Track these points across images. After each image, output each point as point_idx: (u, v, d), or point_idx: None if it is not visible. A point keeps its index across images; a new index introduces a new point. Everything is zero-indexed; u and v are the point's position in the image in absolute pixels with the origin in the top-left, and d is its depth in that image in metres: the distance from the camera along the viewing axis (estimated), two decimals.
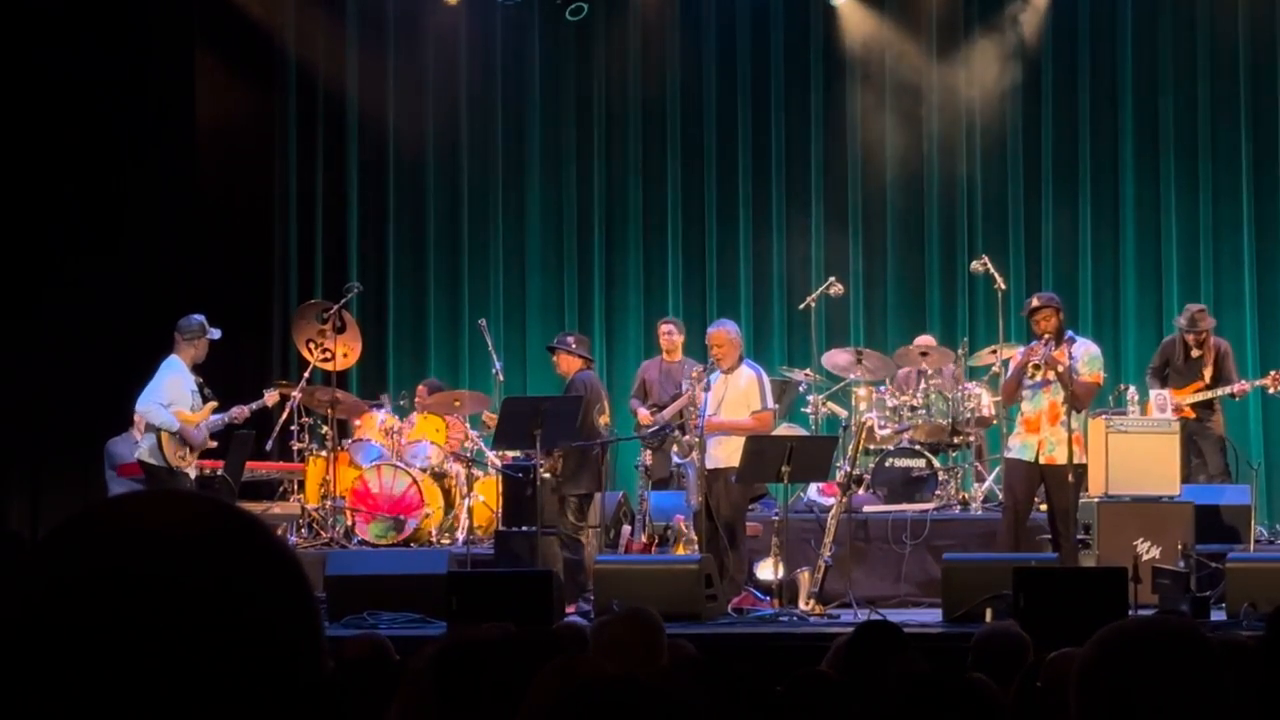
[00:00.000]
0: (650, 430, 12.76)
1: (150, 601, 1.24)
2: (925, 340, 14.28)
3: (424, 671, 3.75)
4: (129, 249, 14.98)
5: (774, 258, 16.26)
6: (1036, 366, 11.06)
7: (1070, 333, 11.59)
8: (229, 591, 1.26)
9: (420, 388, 14.49)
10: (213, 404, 12.02)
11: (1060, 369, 10.98)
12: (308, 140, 16.45)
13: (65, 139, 14.91)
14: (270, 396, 12.81)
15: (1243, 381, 13.27)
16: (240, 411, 12.26)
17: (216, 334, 12.00)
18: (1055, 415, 11.03)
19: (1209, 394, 13.14)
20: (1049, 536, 11.32)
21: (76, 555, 1.26)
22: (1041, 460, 11.09)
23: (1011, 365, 11.66)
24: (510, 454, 13.01)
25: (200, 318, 11.98)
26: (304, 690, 1.29)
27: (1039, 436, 11.12)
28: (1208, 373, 13.22)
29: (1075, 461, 10.94)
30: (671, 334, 13.51)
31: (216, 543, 1.29)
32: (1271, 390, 13.31)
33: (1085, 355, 11.32)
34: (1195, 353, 13.27)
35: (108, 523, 1.29)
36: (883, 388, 13.78)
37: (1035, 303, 11.39)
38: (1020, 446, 11.25)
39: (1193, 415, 13.09)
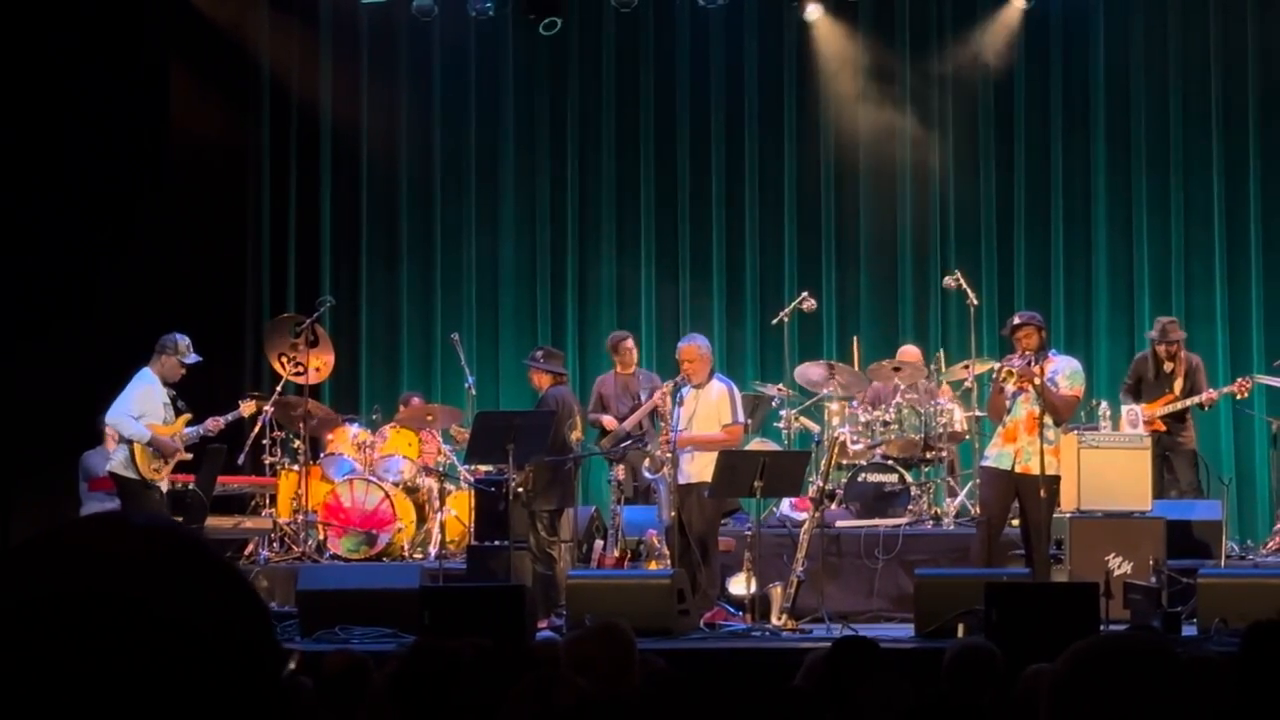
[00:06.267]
0: (610, 443, 12.73)
1: (110, 622, 1.25)
2: (908, 350, 14.25)
3: (384, 687, 3.75)
4: (102, 261, 14.93)
5: (747, 272, 16.28)
6: (1010, 372, 11.08)
7: (1053, 351, 11.64)
8: (187, 610, 1.28)
9: (415, 400, 14.48)
10: (186, 416, 12.00)
11: (1036, 382, 11.01)
12: (281, 153, 16.43)
13: (38, 153, 14.85)
14: (246, 407, 12.78)
15: (1210, 390, 13.30)
16: (215, 423, 12.22)
17: (193, 359, 11.96)
18: (1033, 425, 11.05)
19: (1179, 404, 13.18)
20: (1021, 552, 11.34)
21: (27, 581, 1.27)
22: (1017, 469, 11.12)
23: (993, 385, 11.66)
24: (483, 468, 12.99)
25: (183, 338, 11.94)
26: (264, 702, 1.30)
27: (1016, 445, 11.15)
28: (1178, 385, 13.26)
29: (1048, 473, 10.96)
30: (633, 349, 13.67)
31: (170, 563, 1.30)
32: (1239, 396, 13.33)
33: (1067, 369, 11.35)
34: (1168, 366, 13.31)
35: (60, 547, 1.29)
36: (855, 403, 13.78)
37: (1017, 320, 11.41)
38: (997, 455, 11.27)
39: (1164, 429, 13.12)
